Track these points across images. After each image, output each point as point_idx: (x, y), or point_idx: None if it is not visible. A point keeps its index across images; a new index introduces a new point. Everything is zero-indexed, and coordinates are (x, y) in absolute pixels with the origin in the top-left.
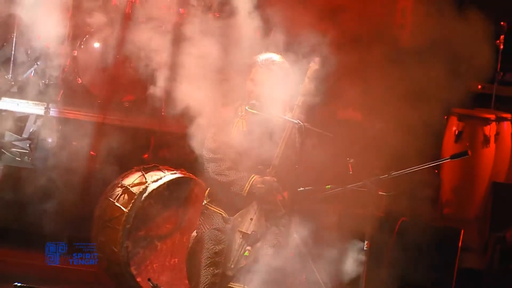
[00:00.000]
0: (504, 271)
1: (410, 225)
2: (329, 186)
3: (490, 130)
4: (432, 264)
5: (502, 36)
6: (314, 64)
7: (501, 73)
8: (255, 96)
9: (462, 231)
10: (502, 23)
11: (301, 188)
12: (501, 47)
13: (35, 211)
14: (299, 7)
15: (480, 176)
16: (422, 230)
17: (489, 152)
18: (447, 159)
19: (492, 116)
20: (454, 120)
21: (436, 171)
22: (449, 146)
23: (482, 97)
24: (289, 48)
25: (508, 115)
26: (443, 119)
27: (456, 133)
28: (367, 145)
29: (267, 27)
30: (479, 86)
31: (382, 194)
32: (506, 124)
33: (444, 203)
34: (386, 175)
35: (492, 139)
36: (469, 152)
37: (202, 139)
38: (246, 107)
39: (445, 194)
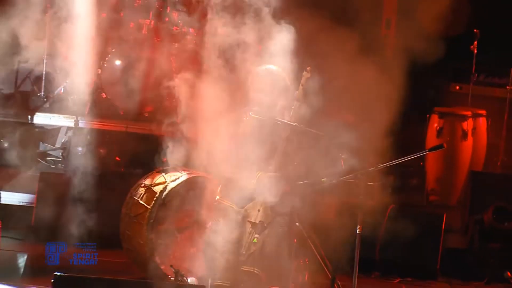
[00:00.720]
0: (483, 249)
1: (399, 211)
2: (324, 179)
3: (467, 125)
4: (419, 245)
5: (475, 42)
6: (307, 73)
7: (476, 75)
8: (257, 103)
9: (445, 215)
10: (475, 30)
11: (300, 182)
12: (475, 51)
13: (69, 210)
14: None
15: (460, 166)
16: (409, 215)
17: (468, 145)
18: (426, 151)
19: (469, 113)
20: (435, 117)
21: (422, 163)
22: (432, 141)
23: (460, 96)
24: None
25: (483, 112)
26: (426, 118)
27: (438, 129)
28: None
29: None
30: (457, 87)
31: (370, 184)
32: (481, 120)
33: (429, 192)
34: (374, 167)
35: (469, 133)
36: (445, 145)
37: (213, 143)
38: (250, 113)
39: (430, 183)
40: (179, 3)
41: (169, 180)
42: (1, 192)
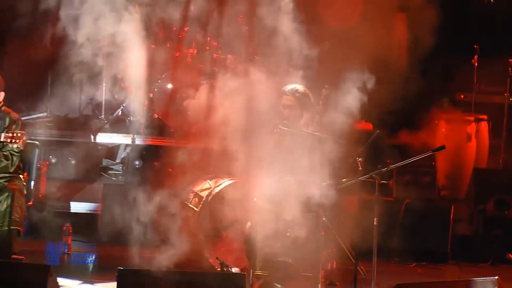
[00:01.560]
0: (487, 235)
1: (414, 205)
2: (345, 179)
3: (471, 129)
4: (431, 234)
5: (476, 56)
6: (326, 90)
7: (477, 85)
8: (285, 117)
9: (453, 207)
10: (475, 46)
11: (324, 183)
12: (476, 64)
13: (127, 217)
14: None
15: (466, 165)
16: (422, 208)
17: (472, 146)
18: (429, 153)
19: (472, 118)
20: (443, 123)
21: (433, 163)
22: (440, 143)
23: (464, 104)
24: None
25: (484, 117)
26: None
27: (445, 133)
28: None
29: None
30: (462, 96)
31: (384, 182)
32: (483, 124)
33: (440, 187)
34: (386, 168)
35: (473, 136)
36: (445, 146)
37: (250, 153)
38: (280, 126)
39: (441, 180)
40: (219, 34)
41: (213, 185)
42: (71, 202)
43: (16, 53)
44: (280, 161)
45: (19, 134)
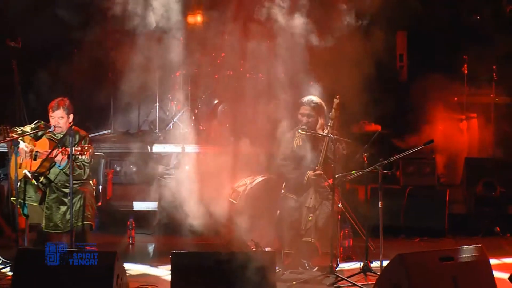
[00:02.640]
0: (478, 213)
1: (416, 191)
2: (353, 171)
3: (463, 126)
4: (431, 213)
5: (465, 65)
6: (337, 100)
7: (467, 88)
8: (304, 123)
9: (448, 191)
10: (464, 56)
11: (337, 175)
12: (465, 72)
13: (179, 212)
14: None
15: (460, 156)
16: (423, 193)
17: (464, 140)
18: (421, 147)
19: (463, 117)
20: (439, 122)
21: (433, 156)
22: (438, 139)
23: (457, 105)
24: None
25: (474, 115)
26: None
27: (442, 130)
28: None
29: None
30: (455, 98)
31: (385, 172)
32: (473, 121)
33: (439, 175)
34: (388, 160)
35: (465, 132)
36: (434, 140)
37: (276, 155)
38: (299, 130)
39: (439, 169)
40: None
41: (248, 182)
42: (133, 202)
43: (84, 81)
44: (301, 159)
45: (86, 147)
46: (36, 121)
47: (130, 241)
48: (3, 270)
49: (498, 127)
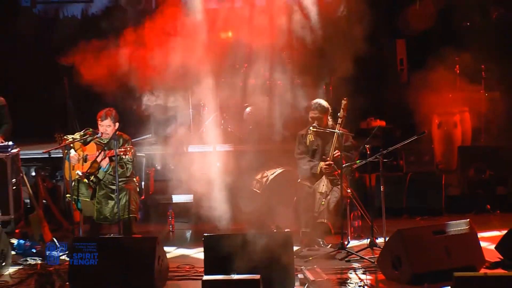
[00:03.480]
0: (470, 194)
1: (415, 176)
2: (358, 161)
3: (457, 118)
4: (430, 195)
5: (457, 66)
6: (344, 101)
7: (460, 86)
8: (314, 123)
9: (444, 176)
10: (456, 58)
11: (345, 165)
12: (458, 72)
13: (213, 202)
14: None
15: (455, 145)
16: (422, 178)
17: (458, 131)
18: (414, 137)
19: (457, 110)
20: (435, 116)
21: (432, 146)
22: (435, 131)
23: (451, 100)
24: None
25: (466, 109)
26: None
27: (438, 124)
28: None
29: None
30: (450, 95)
31: (385, 161)
32: (465, 114)
33: (437, 163)
34: (386, 150)
35: (459, 124)
36: (426, 132)
37: (292, 150)
38: (311, 128)
39: (437, 157)
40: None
41: (269, 174)
42: (173, 195)
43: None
44: (314, 152)
45: (128, 148)
46: (85, 128)
47: (170, 229)
48: (62, 257)
49: (487, 118)
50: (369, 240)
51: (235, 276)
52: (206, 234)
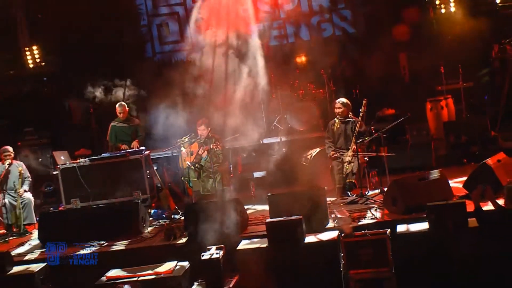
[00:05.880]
0: (452, 153)
1: (415, 145)
2: (367, 137)
3: (443, 103)
4: (423, 156)
5: (442, 67)
6: (365, 101)
7: (445, 80)
8: (338, 115)
9: (433, 143)
10: (440, 62)
11: (358, 141)
12: (442, 70)
13: (277, 175)
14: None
15: (442, 121)
16: (417, 145)
17: (445, 112)
18: (400, 119)
19: (442, 98)
20: (428, 102)
21: (428, 123)
22: (428, 113)
23: (440, 91)
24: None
25: (449, 96)
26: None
27: (430, 107)
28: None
29: None
30: (439, 87)
31: (384, 136)
32: (450, 100)
33: (432, 134)
34: (381, 131)
35: (445, 107)
36: (409, 114)
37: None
38: (335, 119)
39: (431, 130)
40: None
41: (312, 152)
42: (254, 172)
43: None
44: (339, 136)
45: (218, 143)
46: (190, 133)
47: (252, 195)
48: (177, 217)
49: (466, 102)
50: (379, 190)
51: (284, 218)
52: (269, 194)
